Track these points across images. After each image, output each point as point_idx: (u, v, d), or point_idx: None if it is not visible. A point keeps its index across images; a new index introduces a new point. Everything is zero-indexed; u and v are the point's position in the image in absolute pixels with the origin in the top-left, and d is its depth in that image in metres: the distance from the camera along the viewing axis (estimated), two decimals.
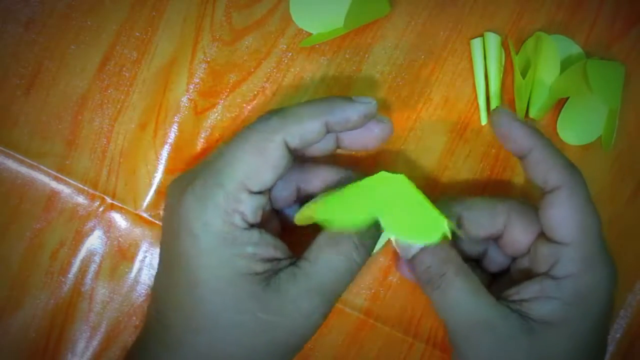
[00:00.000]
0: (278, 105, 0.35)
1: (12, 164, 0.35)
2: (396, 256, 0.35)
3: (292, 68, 0.35)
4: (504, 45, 0.35)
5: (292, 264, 0.29)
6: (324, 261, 0.29)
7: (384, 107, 0.36)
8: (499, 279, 0.33)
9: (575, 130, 0.35)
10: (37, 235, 0.35)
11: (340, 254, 0.29)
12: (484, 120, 0.35)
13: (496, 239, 0.32)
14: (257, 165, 0.28)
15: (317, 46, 0.35)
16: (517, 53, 0.35)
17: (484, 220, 0.31)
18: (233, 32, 0.35)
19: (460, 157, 0.36)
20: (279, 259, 0.29)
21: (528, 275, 0.30)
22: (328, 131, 0.29)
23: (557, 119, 0.36)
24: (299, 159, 0.31)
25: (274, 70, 0.35)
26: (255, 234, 0.29)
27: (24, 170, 0.35)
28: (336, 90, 0.35)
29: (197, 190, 0.28)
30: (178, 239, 0.28)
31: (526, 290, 0.29)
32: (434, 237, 0.29)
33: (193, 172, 0.29)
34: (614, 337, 0.36)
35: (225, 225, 0.28)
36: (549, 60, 0.34)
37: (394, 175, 0.29)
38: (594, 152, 0.36)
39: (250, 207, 0.28)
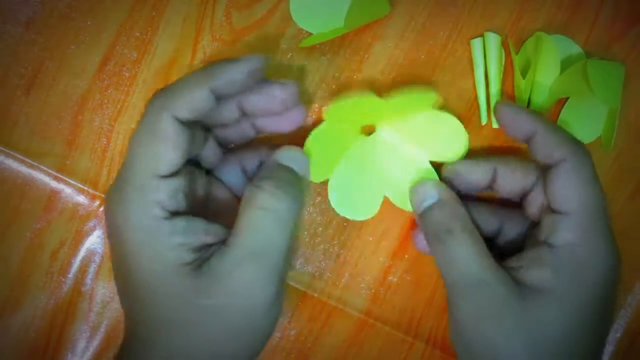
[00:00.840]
0: None
1: (12, 164, 0.35)
2: (412, 229, 0.35)
3: (292, 68, 0.35)
4: (504, 45, 0.35)
5: (224, 244, 0.28)
6: (248, 225, 0.28)
7: None
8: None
9: (575, 130, 0.35)
10: (37, 235, 0.35)
11: (261, 209, 0.28)
12: (484, 120, 0.35)
13: (522, 199, 0.32)
14: (155, 148, 0.27)
15: (317, 46, 0.35)
16: (517, 53, 0.35)
17: (517, 174, 0.31)
18: (233, 32, 0.35)
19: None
20: (210, 245, 0.28)
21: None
22: (219, 98, 0.28)
23: (557, 119, 0.36)
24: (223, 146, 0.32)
25: (275, 70, 0.35)
26: (179, 222, 0.27)
27: (24, 170, 0.35)
28: (336, 91, 0.35)
29: (113, 191, 0.28)
30: (112, 244, 0.28)
31: (524, 257, 0.29)
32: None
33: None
34: (614, 337, 0.36)
35: (146, 219, 0.27)
36: (549, 60, 0.34)
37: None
38: (594, 152, 0.36)
39: (165, 193, 0.27)
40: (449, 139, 0.33)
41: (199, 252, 0.28)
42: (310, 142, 0.32)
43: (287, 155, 0.31)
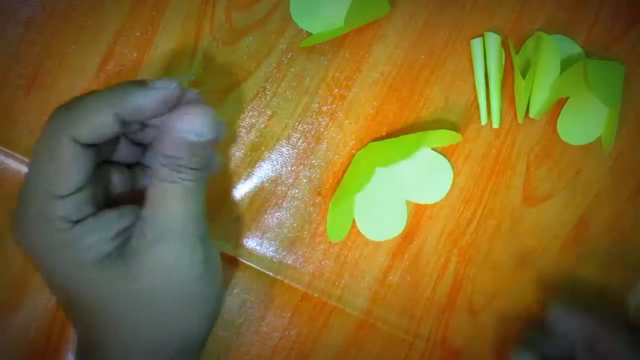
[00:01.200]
0: (278, 105, 0.35)
1: (12, 164, 0.35)
2: None
3: (292, 68, 0.35)
4: (504, 45, 0.35)
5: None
6: (158, 198, 0.26)
7: (384, 107, 0.36)
8: None
9: (576, 130, 0.35)
10: None
11: (168, 180, 0.26)
12: (484, 120, 0.35)
13: None
14: (53, 172, 0.26)
15: (317, 46, 0.35)
16: (517, 53, 0.35)
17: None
18: (233, 32, 0.35)
19: (461, 157, 0.36)
20: (127, 228, 0.27)
21: None
22: (124, 122, 0.26)
23: (557, 119, 0.36)
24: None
25: (274, 70, 0.35)
26: (87, 224, 0.26)
27: (24, 170, 0.35)
28: (337, 90, 0.35)
29: (16, 216, 0.27)
30: (35, 266, 0.28)
31: None
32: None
33: None
34: None
35: (51, 237, 0.26)
36: (549, 60, 0.34)
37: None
38: (594, 152, 0.36)
39: (68, 209, 0.26)
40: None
41: (118, 238, 0.27)
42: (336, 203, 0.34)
43: (186, 125, 0.26)
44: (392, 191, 0.35)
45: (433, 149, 0.35)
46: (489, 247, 0.36)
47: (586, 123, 0.35)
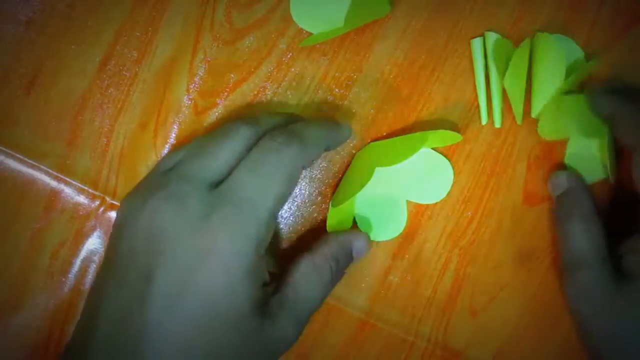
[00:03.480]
0: (279, 106, 0.35)
1: (12, 164, 0.35)
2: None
3: (293, 68, 0.35)
4: (504, 45, 0.35)
5: (277, 289, 0.30)
6: (306, 289, 0.30)
7: (384, 107, 0.36)
8: None
9: (583, 169, 0.35)
10: (37, 235, 0.35)
11: (322, 284, 0.31)
12: (484, 120, 0.35)
13: None
14: (286, 193, 0.29)
15: (317, 46, 0.35)
16: (516, 53, 0.35)
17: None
18: (233, 32, 0.35)
19: (461, 157, 0.36)
20: (268, 283, 0.30)
21: None
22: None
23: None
24: None
25: (275, 70, 0.35)
26: (265, 258, 0.29)
27: (24, 170, 0.35)
28: (337, 90, 0.35)
29: (228, 217, 0.27)
30: (196, 266, 0.27)
31: (624, 244, 0.32)
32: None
33: (196, 192, 0.28)
34: None
35: (254, 256, 0.28)
36: (552, 60, 0.34)
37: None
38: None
39: (271, 234, 0.29)
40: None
41: (264, 290, 0.29)
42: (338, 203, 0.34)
43: (353, 239, 0.33)
44: (392, 191, 0.35)
45: (433, 149, 0.35)
46: (489, 247, 0.36)
47: (592, 162, 0.35)
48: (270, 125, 0.31)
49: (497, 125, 0.35)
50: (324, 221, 0.35)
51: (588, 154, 0.35)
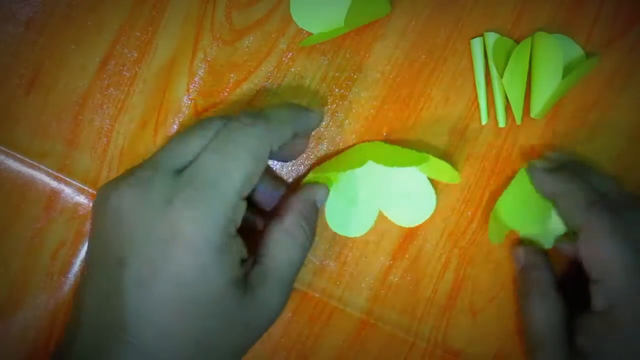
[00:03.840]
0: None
1: (12, 164, 0.35)
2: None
3: (293, 68, 0.35)
4: (504, 45, 0.35)
5: (255, 262, 0.30)
6: (284, 255, 0.30)
7: (384, 107, 0.36)
8: None
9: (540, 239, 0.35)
10: (37, 235, 0.35)
11: (297, 245, 0.30)
12: (484, 120, 0.35)
13: None
14: (252, 172, 0.28)
15: (317, 46, 0.35)
16: (516, 53, 0.35)
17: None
18: (233, 32, 0.35)
19: (461, 157, 0.36)
20: (246, 259, 0.29)
21: None
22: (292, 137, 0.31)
23: (557, 119, 0.35)
24: None
25: (275, 70, 0.35)
26: (238, 238, 0.29)
27: (24, 170, 0.35)
28: (337, 90, 0.35)
29: (192, 199, 0.27)
30: (164, 251, 0.27)
31: (576, 322, 0.31)
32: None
33: (160, 177, 0.28)
34: None
35: (223, 236, 0.27)
36: (551, 60, 0.34)
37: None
38: (594, 152, 0.36)
39: (241, 214, 0.28)
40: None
41: (242, 267, 0.29)
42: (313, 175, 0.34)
43: (314, 192, 0.33)
44: (370, 198, 0.35)
45: (428, 177, 0.35)
46: (489, 247, 0.36)
47: (546, 235, 0.35)
48: None
49: (501, 125, 0.35)
50: (325, 223, 0.35)
51: (540, 231, 0.35)
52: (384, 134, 0.35)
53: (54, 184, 0.35)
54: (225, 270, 0.27)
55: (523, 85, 0.35)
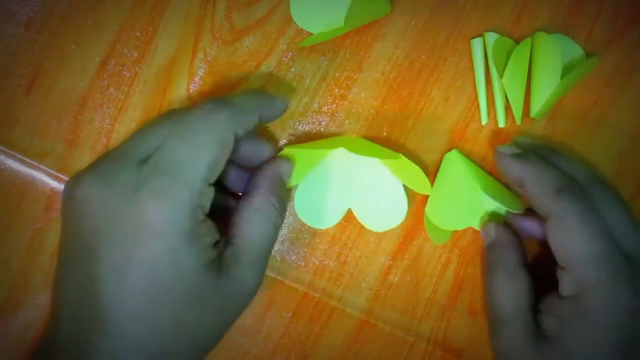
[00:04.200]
0: None
1: (12, 164, 0.35)
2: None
3: (292, 68, 0.35)
4: (504, 45, 0.35)
5: (227, 242, 0.30)
6: (255, 233, 0.30)
7: (384, 107, 0.36)
8: None
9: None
10: (37, 235, 0.35)
11: (268, 222, 0.31)
12: (484, 120, 0.35)
13: None
14: (218, 158, 0.29)
15: (317, 46, 0.35)
16: (516, 53, 0.35)
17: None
18: (233, 32, 0.35)
19: None
20: (218, 240, 0.29)
21: None
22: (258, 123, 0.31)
23: (557, 119, 0.35)
24: None
25: (275, 70, 0.35)
26: (209, 223, 0.29)
27: (24, 170, 0.35)
28: (337, 90, 0.35)
29: (157, 187, 0.27)
30: (134, 240, 0.27)
31: (544, 302, 0.31)
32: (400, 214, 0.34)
33: (125, 168, 0.28)
34: None
35: (191, 221, 0.27)
36: (550, 60, 0.34)
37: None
38: (594, 152, 0.36)
39: (209, 199, 0.29)
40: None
41: (216, 249, 0.29)
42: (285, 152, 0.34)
43: (279, 167, 0.33)
44: (339, 192, 0.35)
45: (402, 183, 0.35)
46: None
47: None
48: None
49: (501, 124, 0.35)
50: None
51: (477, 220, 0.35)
52: (384, 134, 0.35)
53: (54, 184, 0.35)
54: (196, 254, 0.28)
55: (523, 85, 0.35)
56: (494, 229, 0.34)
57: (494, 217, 0.34)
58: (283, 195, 0.32)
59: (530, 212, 0.33)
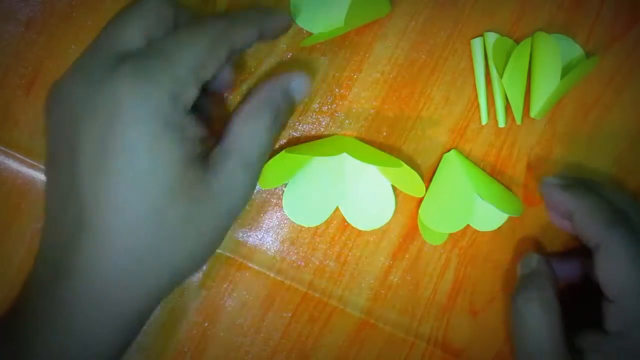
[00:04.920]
0: None
1: (12, 164, 0.35)
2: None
3: (292, 68, 0.35)
4: (504, 45, 0.35)
5: (218, 142, 0.29)
6: (249, 135, 0.29)
7: (384, 107, 0.36)
8: None
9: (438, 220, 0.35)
10: (37, 235, 0.35)
11: (261, 125, 0.29)
12: (484, 120, 0.35)
13: None
14: (207, 59, 0.27)
15: (317, 46, 0.35)
16: (516, 53, 0.35)
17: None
18: None
19: None
20: (207, 137, 0.28)
21: None
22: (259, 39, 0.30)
23: (557, 118, 0.35)
24: None
25: (275, 70, 0.35)
26: (193, 118, 0.27)
27: (24, 170, 0.35)
28: (337, 90, 0.35)
29: (134, 70, 0.26)
30: (109, 127, 0.25)
31: (585, 338, 0.31)
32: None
33: (102, 58, 0.27)
34: None
35: (171, 108, 0.26)
36: (550, 60, 0.34)
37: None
38: (594, 152, 0.36)
39: (192, 96, 0.27)
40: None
41: (203, 144, 0.28)
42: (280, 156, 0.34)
43: (289, 80, 0.31)
44: (327, 191, 0.35)
45: (392, 184, 0.35)
46: (489, 247, 0.36)
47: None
48: None
49: (501, 124, 0.35)
50: (325, 224, 0.35)
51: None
52: (384, 134, 0.35)
53: None
54: (179, 144, 0.26)
55: (523, 85, 0.35)
56: (536, 260, 0.33)
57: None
58: (284, 111, 0.31)
59: (564, 255, 0.34)
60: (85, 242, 0.26)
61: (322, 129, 0.35)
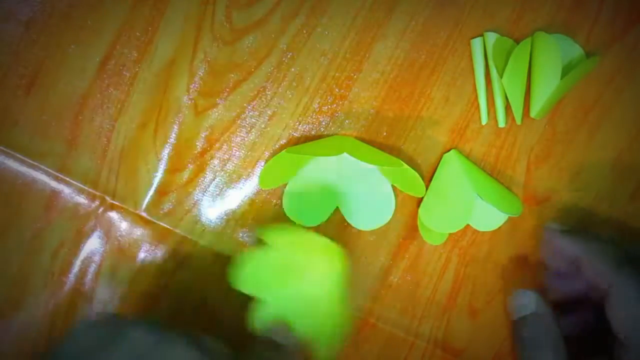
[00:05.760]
0: (279, 105, 0.35)
1: (12, 164, 0.35)
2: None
3: (293, 68, 0.35)
4: (504, 45, 0.35)
5: None
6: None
7: (384, 107, 0.36)
8: None
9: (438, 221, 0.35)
10: (37, 235, 0.35)
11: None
12: (484, 120, 0.35)
13: None
14: None
15: (317, 46, 0.35)
16: (516, 53, 0.35)
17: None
18: (233, 32, 0.35)
19: None
20: None
21: None
22: None
23: (557, 118, 0.36)
24: None
25: (274, 70, 0.35)
26: None
27: (24, 170, 0.35)
28: (337, 90, 0.35)
29: None
30: None
31: None
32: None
33: None
34: None
35: None
36: (550, 60, 0.34)
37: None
38: (594, 152, 0.36)
39: None
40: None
41: None
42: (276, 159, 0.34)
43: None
44: (328, 191, 0.35)
45: (392, 184, 0.35)
46: (489, 247, 0.36)
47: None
48: None
49: (501, 125, 0.35)
50: (325, 223, 0.35)
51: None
52: (384, 134, 0.35)
53: (54, 184, 0.35)
54: None
55: (523, 85, 0.35)
56: (535, 300, 0.32)
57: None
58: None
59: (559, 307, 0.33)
60: None
61: (322, 129, 0.35)
